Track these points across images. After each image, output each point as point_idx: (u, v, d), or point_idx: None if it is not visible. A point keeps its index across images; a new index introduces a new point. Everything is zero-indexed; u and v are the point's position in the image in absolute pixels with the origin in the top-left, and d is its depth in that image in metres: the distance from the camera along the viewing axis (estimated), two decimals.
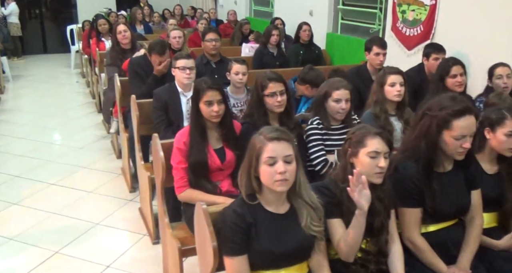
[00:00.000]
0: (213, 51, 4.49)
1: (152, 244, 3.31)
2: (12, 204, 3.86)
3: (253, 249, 1.81)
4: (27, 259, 3.12)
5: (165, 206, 2.76)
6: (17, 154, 4.94)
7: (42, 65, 10.10)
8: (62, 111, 6.59)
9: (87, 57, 7.65)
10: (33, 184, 4.23)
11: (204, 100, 2.58)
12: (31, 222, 3.58)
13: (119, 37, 4.86)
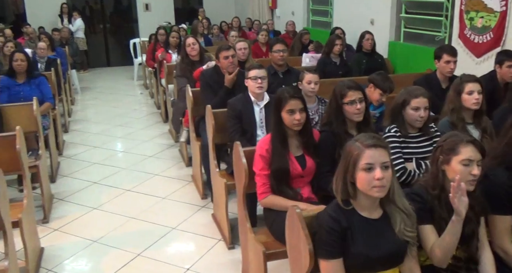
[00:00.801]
0: (281, 62, 4.58)
1: (228, 249, 3.39)
2: (92, 208, 4.08)
3: (348, 252, 1.85)
4: (111, 261, 3.29)
5: (246, 212, 2.85)
6: (93, 162, 5.21)
7: (106, 77, 10.56)
8: (129, 121, 6.87)
9: (151, 69, 7.97)
10: (111, 190, 4.45)
11: (287, 109, 2.66)
12: (112, 225, 3.77)
13: (188, 49, 5.05)
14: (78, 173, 4.89)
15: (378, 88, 3.67)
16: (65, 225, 3.79)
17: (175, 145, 5.66)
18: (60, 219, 3.89)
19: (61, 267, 3.23)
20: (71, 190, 4.47)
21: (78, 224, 3.82)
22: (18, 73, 4.71)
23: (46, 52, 6.53)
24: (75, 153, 5.49)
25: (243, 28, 10.05)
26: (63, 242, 3.54)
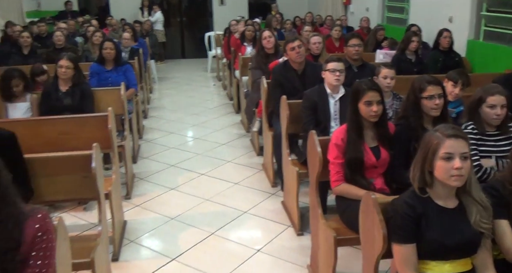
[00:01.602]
0: (356, 56, 4.62)
1: (297, 235, 3.52)
2: (170, 189, 4.35)
3: (422, 239, 1.92)
4: (187, 237, 3.53)
5: (318, 198, 2.96)
6: (170, 146, 5.52)
7: (181, 69, 11.00)
8: (203, 110, 7.17)
9: (225, 61, 8.24)
10: (187, 173, 4.71)
11: (364, 100, 2.73)
12: (188, 205, 4.01)
13: (264, 42, 5.20)
14: (157, 156, 5.22)
15: (450, 80, 3.67)
16: (145, 202, 4.09)
17: (247, 135, 5.86)
18: (141, 196, 4.20)
19: (142, 239, 3.51)
20: (150, 171, 4.78)
21: (157, 202, 4.10)
22: (107, 61, 5.08)
23: (129, 42, 6.94)
24: (154, 138, 5.84)
25: (315, 23, 10.10)
26: (144, 217, 3.83)
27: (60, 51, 6.34)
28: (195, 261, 3.20)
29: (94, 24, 9.15)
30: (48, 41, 7.48)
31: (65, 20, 9.55)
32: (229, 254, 3.30)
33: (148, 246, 3.41)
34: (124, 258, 3.26)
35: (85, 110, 4.12)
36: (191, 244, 3.42)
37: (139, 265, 3.20)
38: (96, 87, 4.65)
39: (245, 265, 3.17)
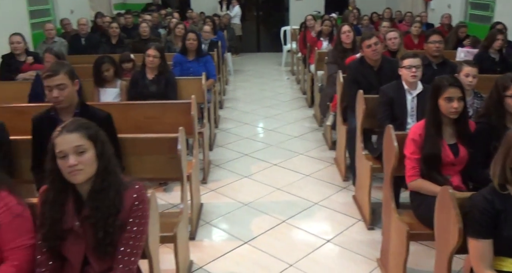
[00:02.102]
0: (436, 53, 4.52)
1: (367, 229, 3.55)
2: (243, 176, 4.52)
3: (500, 235, 1.91)
4: (259, 223, 3.66)
5: (392, 192, 2.98)
6: (244, 136, 5.70)
7: (255, 62, 11.19)
8: (277, 103, 7.29)
9: (300, 56, 8.31)
10: (260, 162, 4.86)
11: (445, 96, 2.71)
12: (260, 193, 4.15)
13: (343, 36, 5.22)
14: (231, 145, 5.41)
15: None
16: (220, 187, 4.28)
17: (319, 129, 5.91)
18: (216, 182, 4.39)
19: (217, 221, 3.69)
20: (225, 158, 4.98)
21: (231, 188, 4.27)
22: (189, 51, 5.32)
23: (209, 35, 7.19)
24: (229, 127, 6.05)
25: (394, 20, 9.89)
26: (219, 202, 4.01)
27: (145, 42, 6.71)
28: (267, 246, 3.33)
29: (176, 16, 9.55)
30: (133, 32, 7.92)
31: (150, 13, 10.02)
32: (300, 242, 3.39)
33: (222, 229, 3.59)
34: (200, 238, 3.45)
35: (169, 97, 4.36)
36: (263, 229, 3.55)
37: (214, 245, 3.38)
38: (178, 76, 4.89)
39: (315, 254, 3.25)
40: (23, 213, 1.85)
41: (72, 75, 2.69)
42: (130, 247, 1.82)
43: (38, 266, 1.83)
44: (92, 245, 1.79)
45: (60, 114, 2.73)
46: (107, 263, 1.82)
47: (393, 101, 3.68)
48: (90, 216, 1.78)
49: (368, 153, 3.88)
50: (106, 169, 1.82)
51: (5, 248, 1.80)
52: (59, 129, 1.79)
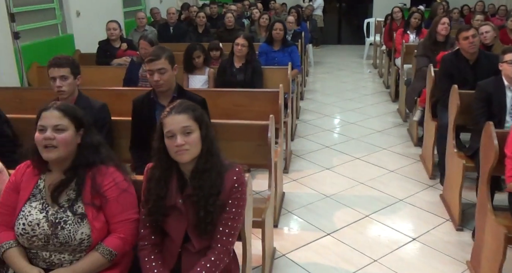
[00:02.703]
0: None
1: (456, 230, 3.40)
2: (325, 168, 4.48)
3: None
4: (342, 215, 3.62)
5: (489, 193, 2.82)
6: (325, 128, 5.66)
7: (336, 54, 11.04)
8: (358, 96, 7.15)
9: (384, 49, 8.08)
10: (341, 155, 4.80)
11: None
12: (343, 186, 4.10)
13: (440, 27, 4.98)
14: (312, 136, 5.38)
15: None
16: (301, 178, 4.27)
17: (403, 124, 5.73)
18: (298, 172, 4.39)
19: (299, 211, 3.69)
20: (306, 149, 4.96)
21: (313, 179, 4.26)
22: (275, 41, 5.33)
23: (293, 25, 7.17)
24: (309, 119, 6.02)
25: (487, 13, 9.33)
26: (300, 192, 4.01)
27: (230, 32, 6.84)
28: (350, 239, 3.29)
29: (259, 7, 9.61)
30: (218, 22, 8.08)
31: (234, 3, 10.16)
32: (384, 238, 3.31)
33: (304, 219, 3.58)
34: (282, 226, 3.48)
35: (255, 85, 4.41)
36: (346, 222, 3.51)
37: (297, 234, 3.38)
38: (264, 66, 4.92)
39: (400, 251, 3.16)
40: (128, 188, 1.95)
41: (172, 60, 2.79)
42: (228, 228, 1.86)
43: (141, 240, 1.93)
44: (193, 223, 1.85)
45: (159, 98, 2.84)
46: (206, 242, 1.88)
47: (491, 97, 3.47)
48: (192, 194, 1.84)
49: (459, 151, 3.70)
50: (209, 150, 1.87)
51: (112, 221, 1.90)
52: (168, 110, 1.86)
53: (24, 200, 1.91)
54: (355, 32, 11.96)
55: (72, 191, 1.89)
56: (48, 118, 1.84)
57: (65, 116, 1.86)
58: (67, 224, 1.84)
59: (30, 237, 1.85)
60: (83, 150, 1.90)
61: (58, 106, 1.87)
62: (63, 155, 1.86)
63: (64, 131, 1.85)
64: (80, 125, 1.91)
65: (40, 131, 1.84)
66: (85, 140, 1.92)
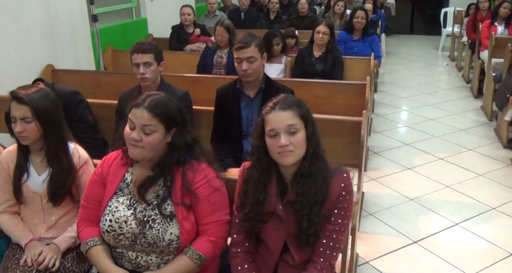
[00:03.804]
0: None
1: None
2: (406, 168, 4.18)
3: None
4: (429, 222, 3.33)
5: None
6: (403, 124, 5.33)
7: (408, 44, 10.50)
8: (436, 91, 6.71)
9: (465, 40, 7.55)
10: (423, 154, 4.47)
11: None
12: (427, 189, 3.79)
13: None
14: (389, 132, 5.07)
15: None
16: (381, 177, 4.00)
17: (489, 123, 5.29)
18: (376, 170, 4.12)
19: (381, 214, 3.43)
20: (384, 146, 4.67)
21: (393, 179, 3.97)
22: (355, 30, 5.04)
23: (369, 13, 6.78)
24: (385, 113, 5.69)
25: None
26: (380, 192, 3.75)
27: (302, 19, 6.58)
28: (439, 249, 3.01)
29: None
30: (289, 8, 7.82)
31: None
32: (478, 251, 3.01)
33: (387, 223, 3.32)
34: (364, 229, 3.23)
35: (335, 76, 4.16)
36: (433, 230, 3.22)
37: (380, 240, 3.13)
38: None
39: (497, 267, 2.85)
40: (221, 187, 1.78)
41: (262, 49, 2.59)
42: (333, 241, 1.66)
43: (234, 246, 1.76)
44: (293, 232, 1.66)
45: (245, 88, 2.66)
46: (306, 254, 1.69)
47: None
48: (295, 201, 1.64)
49: None
50: (315, 152, 1.67)
51: (202, 222, 1.75)
52: (271, 105, 1.67)
53: (110, 194, 1.78)
54: (429, 22, 11.32)
55: (161, 188, 1.74)
56: (138, 118, 1.66)
57: (155, 117, 1.66)
58: (156, 223, 1.70)
59: (117, 235, 1.72)
60: (173, 150, 1.74)
61: (149, 105, 1.67)
62: (148, 156, 1.71)
63: (152, 133, 1.67)
64: (173, 124, 1.73)
65: (130, 128, 1.69)
66: (176, 140, 1.74)
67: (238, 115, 2.66)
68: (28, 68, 3.87)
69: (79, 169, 2.00)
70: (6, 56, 3.64)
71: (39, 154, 1.99)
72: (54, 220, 2.03)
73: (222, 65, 4.41)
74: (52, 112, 1.95)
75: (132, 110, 1.69)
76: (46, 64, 4.06)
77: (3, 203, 2.04)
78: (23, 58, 3.81)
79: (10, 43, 3.67)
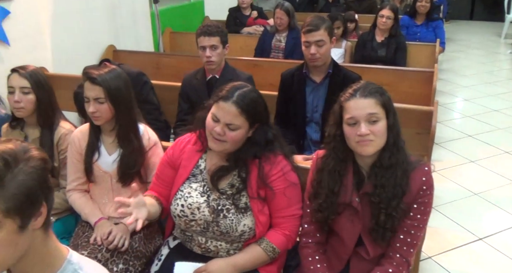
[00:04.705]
0: None
1: None
2: (469, 161, 4.00)
3: None
4: (494, 218, 3.18)
5: None
6: (465, 114, 5.09)
7: (468, 30, 10.02)
8: (499, 80, 6.38)
9: None
10: (487, 147, 4.26)
11: None
12: (492, 183, 3.61)
13: None
14: (451, 122, 4.87)
15: None
16: (443, 169, 3.84)
17: None
18: (438, 162, 3.95)
19: (443, 208, 3.30)
20: (445, 137, 4.48)
21: (456, 172, 3.81)
22: (418, 14, 4.85)
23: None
24: (446, 102, 5.45)
25: None
26: (443, 185, 3.59)
27: (360, 2, 6.39)
28: (508, 248, 2.86)
29: None
30: None
31: None
32: None
33: (450, 217, 3.19)
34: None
35: (398, 63, 4.02)
36: (500, 227, 3.07)
37: (443, 234, 3.01)
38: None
39: None
40: (296, 181, 1.73)
41: (331, 32, 2.51)
42: (410, 237, 1.58)
43: (304, 236, 1.72)
44: (369, 226, 1.59)
45: (311, 73, 2.59)
46: (381, 249, 1.62)
47: None
48: (373, 193, 1.57)
49: None
50: (396, 143, 1.58)
51: (276, 215, 1.71)
52: (351, 92, 1.59)
53: (183, 179, 1.77)
54: (491, 7, 10.74)
55: (236, 178, 1.71)
56: (225, 112, 1.61)
57: (242, 113, 1.61)
58: (230, 213, 1.67)
59: (188, 220, 1.71)
60: (252, 145, 1.69)
61: (237, 100, 1.61)
62: (230, 150, 1.67)
63: (237, 129, 1.63)
64: (257, 121, 1.68)
65: (213, 120, 1.65)
66: (257, 135, 1.69)
67: (303, 100, 2.59)
68: (92, 48, 3.93)
69: (148, 150, 2.00)
70: (73, 37, 3.70)
71: (111, 134, 2.01)
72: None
73: (280, 49, 4.34)
74: (124, 93, 1.95)
75: (219, 103, 1.64)
76: (108, 45, 4.11)
77: (74, 181, 2.07)
78: (87, 39, 3.87)
79: (77, 24, 3.74)
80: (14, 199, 0.95)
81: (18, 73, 2.10)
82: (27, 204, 0.98)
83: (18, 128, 2.21)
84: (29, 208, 0.99)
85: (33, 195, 0.99)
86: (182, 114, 2.85)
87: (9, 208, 0.95)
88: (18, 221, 0.97)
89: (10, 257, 0.98)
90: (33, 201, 0.99)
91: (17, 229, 0.97)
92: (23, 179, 0.97)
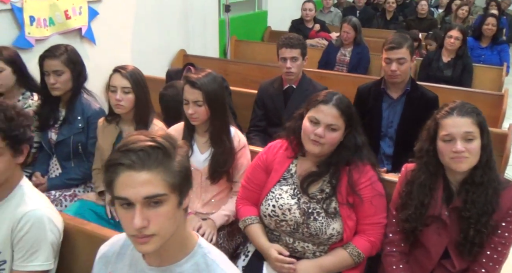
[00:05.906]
0: None
1: None
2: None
3: None
4: None
5: None
6: None
7: None
8: None
9: None
10: None
11: None
12: None
13: None
14: None
15: None
16: None
17: None
18: None
19: None
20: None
21: None
22: (484, 37, 4.82)
23: None
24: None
25: None
26: None
27: (421, 21, 6.40)
28: None
29: None
30: (404, 9, 7.64)
31: None
32: None
33: None
34: None
35: (463, 84, 4.02)
36: None
37: None
38: None
39: None
40: (383, 191, 1.81)
41: (412, 51, 2.58)
42: (497, 253, 1.63)
43: (389, 245, 1.79)
44: (456, 239, 1.65)
45: (389, 89, 2.65)
46: (466, 263, 1.68)
47: None
48: (463, 209, 1.63)
49: None
50: (488, 163, 1.64)
51: (363, 222, 1.79)
52: (448, 110, 1.67)
53: (274, 181, 1.87)
54: None
55: (326, 184, 1.80)
56: (326, 114, 1.72)
57: (342, 116, 1.72)
58: (320, 216, 1.76)
59: (279, 220, 1.81)
60: (343, 150, 1.78)
61: (338, 103, 1.72)
62: (326, 152, 1.77)
63: (336, 131, 1.73)
64: (350, 124, 1.78)
65: (312, 123, 1.75)
66: (347, 140, 1.79)
67: (379, 115, 2.66)
68: (166, 52, 4.13)
69: (238, 151, 2.12)
70: (150, 40, 3.90)
71: (204, 135, 2.14)
72: (209, 197, 2.17)
73: (344, 62, 4.42)
74: (219, 96, 2.08)
75: (318, 106, 1.74)
76: (179, 49, 4.30)
77: None
78: (161, 42, 4.07)
79: (153, 29, 3.94)
80: (178, 176, 1.09)
81: (120, 74, 2.24)
82: (184, 182, 1.12)
83: (114, 123, 2.37)
84: (185, 186, 1.13)
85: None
86: (256, 120, 2.96)
87: (175, 183, 1.09)
88: (178, 197, 1.11)
89: (171, 230, 1.11)
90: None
91: (177, 205, 1.11)
92: (183, 161, 1.12)
